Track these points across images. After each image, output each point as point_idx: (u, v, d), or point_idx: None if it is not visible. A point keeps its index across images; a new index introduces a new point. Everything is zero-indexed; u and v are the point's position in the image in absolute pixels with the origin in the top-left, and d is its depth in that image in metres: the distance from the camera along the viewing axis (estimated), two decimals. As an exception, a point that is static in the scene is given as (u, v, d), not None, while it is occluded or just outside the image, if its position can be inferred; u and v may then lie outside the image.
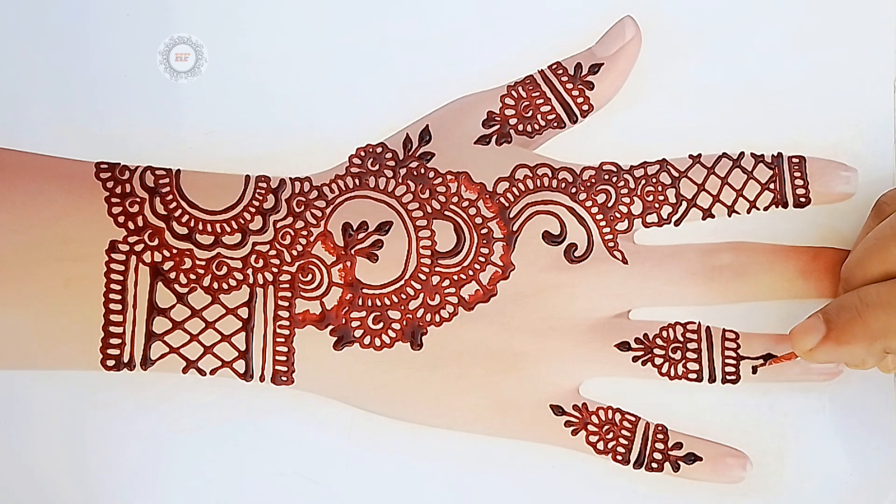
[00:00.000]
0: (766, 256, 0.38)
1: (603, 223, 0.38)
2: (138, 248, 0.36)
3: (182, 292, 0.36)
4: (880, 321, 0.33)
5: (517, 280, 0.37)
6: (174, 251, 0.36)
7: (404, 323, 0.37)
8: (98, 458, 0.38)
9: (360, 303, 0.37)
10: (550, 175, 0.38)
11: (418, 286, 0.37)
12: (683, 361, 0.38)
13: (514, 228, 0.37)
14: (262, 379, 0.36)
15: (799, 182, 0.38)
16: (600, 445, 0.37)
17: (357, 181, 0.38)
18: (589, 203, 0.38)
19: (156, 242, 0.36)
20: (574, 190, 0.38)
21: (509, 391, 0.37)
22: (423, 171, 0.38)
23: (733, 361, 0.38)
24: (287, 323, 0.36)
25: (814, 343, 0.34)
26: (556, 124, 0.39)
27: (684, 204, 0.38)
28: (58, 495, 0.38)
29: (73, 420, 0.38)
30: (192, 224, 0.36)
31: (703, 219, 0.38)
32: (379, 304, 0.37)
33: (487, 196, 0.37)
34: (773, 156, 0.38)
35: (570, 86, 0.38)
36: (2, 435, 0.39)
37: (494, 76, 0.39)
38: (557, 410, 0.37)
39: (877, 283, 0.34)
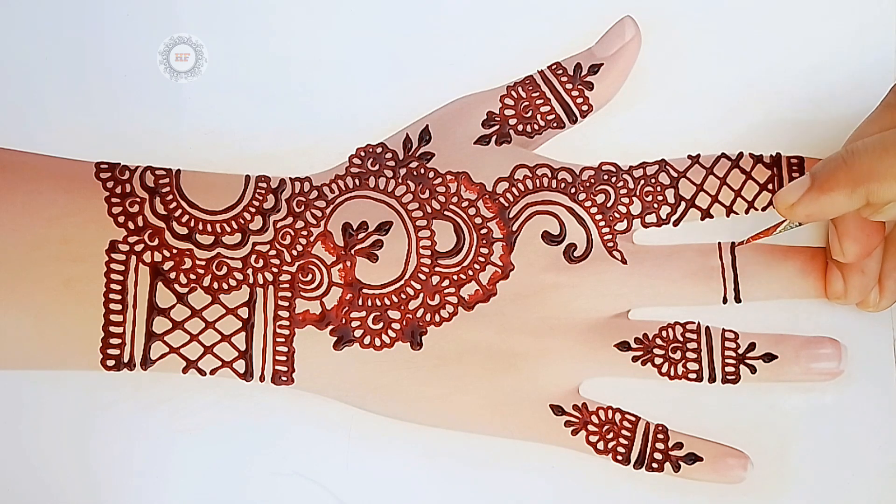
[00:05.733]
0: (765, 256, 0.38)
1: (602, 223, 0.38)
2: (138, 248, 0.36)
3: (182, 292, 0.36)
4: (864, 165, 0.32)
5: (517, 280, 0.37)
6: (174, 251, 0.36)
7: (404, 323, 0.37)
8: (98, 458, 0.38)
9: (360, 303, 0.37)
10: (550, 175, 0.38)
11: (418, 286, 0.37)
12: (683, 361, 0.38)
13: (514, 228, 0.37)
14: (262, 379, 0.36)
15: (798, 182, 0.38)
16: (600, 445, 0.37)
17: (357, 181, 0.38)
18: (588, 203, 0.38)
19: (156, 242, 0.36)
20: (573, 190, 0.38)
21: (509, 391, 0.37)
22: (422, 171, 0.38)
23: (733, 361, 0.38)
24: (287, 323, 0.36)
25: (797, 197, 0.34)
26: (555, 124, 0.39)
27: (683, 204, 0.38)
28: (58, 495, 0.38)
29: (73, 420, 0.38)
30: (192, 224, 0.36)
31: (702, 219, 0.38)
32: (379, 303, 0.37)
33: (487, 196, 0.37)
34: (771, 156, 0.38)
35: (569, 86, 0.38)
36: (3, 435, 0.38)
37: (494, 76, 0.39)
38: (557, 410, 0.37)
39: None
